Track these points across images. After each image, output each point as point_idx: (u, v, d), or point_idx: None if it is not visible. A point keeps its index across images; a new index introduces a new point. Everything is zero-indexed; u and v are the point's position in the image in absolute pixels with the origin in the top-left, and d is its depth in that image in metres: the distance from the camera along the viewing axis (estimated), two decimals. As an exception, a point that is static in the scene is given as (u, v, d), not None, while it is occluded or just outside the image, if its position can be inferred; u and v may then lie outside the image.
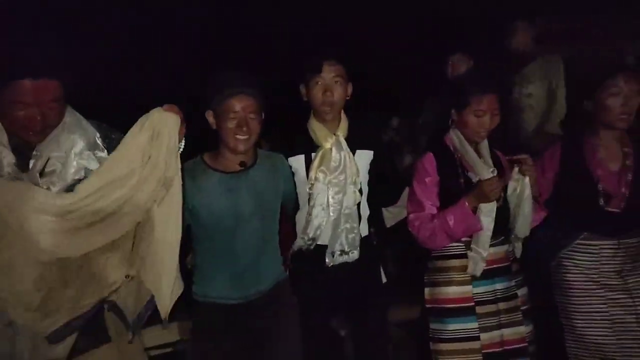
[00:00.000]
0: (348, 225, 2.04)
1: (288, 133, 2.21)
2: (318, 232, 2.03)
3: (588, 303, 2.02)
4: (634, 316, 1.98)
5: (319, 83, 2.02)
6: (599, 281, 2.01)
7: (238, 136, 1.84)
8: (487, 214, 1.94)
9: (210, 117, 1.90)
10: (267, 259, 1.96)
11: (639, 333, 1.97)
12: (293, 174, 2.09)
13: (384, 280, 2.19)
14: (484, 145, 2.04)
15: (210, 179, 1.88)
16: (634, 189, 1.96)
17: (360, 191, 2.09)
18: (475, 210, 1.95)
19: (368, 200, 2.14)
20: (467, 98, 1.96)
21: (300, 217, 2.11)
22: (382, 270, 2.20)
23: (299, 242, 2.07)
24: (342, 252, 2.05)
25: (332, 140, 2.06)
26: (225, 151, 1.90)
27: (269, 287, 1.95)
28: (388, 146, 3.12)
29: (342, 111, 2.12)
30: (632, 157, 1.99)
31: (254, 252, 1.92)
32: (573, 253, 2.05)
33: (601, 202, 1.97)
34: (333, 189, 2.03)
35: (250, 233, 1.90)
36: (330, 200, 2.02)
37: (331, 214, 2.02)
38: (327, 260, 2.05)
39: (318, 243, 2.06)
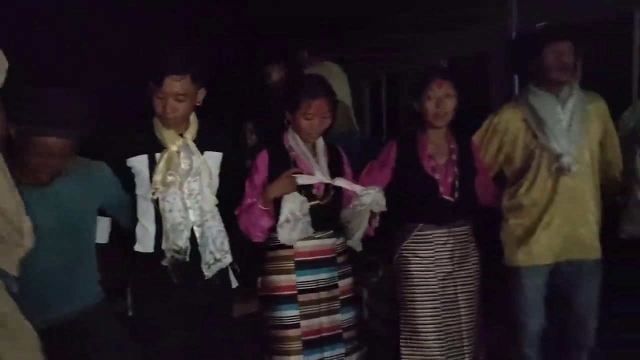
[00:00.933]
0: (214, 230, 2.01)
1: (131, 131, 2.08)
2: (184, 241, 1.94)
3: (424, 292, 2.22)
4: (456, 302, 2.23)
5: (161, 98, 1.90)
6: (434, 270, 2.22)
7: None
8: (287, 203, 2.06)
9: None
10: (77, 279, 1.85)
11: (457, 325, 2.22)
12: (122, 179, 2.00)
13: (234, 284, 2.18)
14: (320, 144, 2.19)
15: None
16: (461, 181, 2.21)
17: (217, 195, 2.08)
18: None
19: (220, 200, 2.10)
20: (298, 102, 2.07)
21: (142, 228, 2.01)
22: (231, 273, 2.17)
23: (168, 258, 1.95)
24: (215, 260, 2.01)
25: (179, 143, 1.98)
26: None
27: (79, 310, 1.85)
28: (243, 148, 3.30)
29: (193, 114, 2.04)
30: (457, 152, 2.25)
31: (59, 272, 1.79)
32: (412, 244, 2.25)
33: (440, 190, 2.20)
34: (189, 193, 1.97)
35: (53, 251, 1.76)
36: (188, 204, 1.96)
37: (192, 219, 1.96)
38: (205, 273, 2.00)
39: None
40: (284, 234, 2.07)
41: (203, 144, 2.05)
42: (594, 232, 2.29)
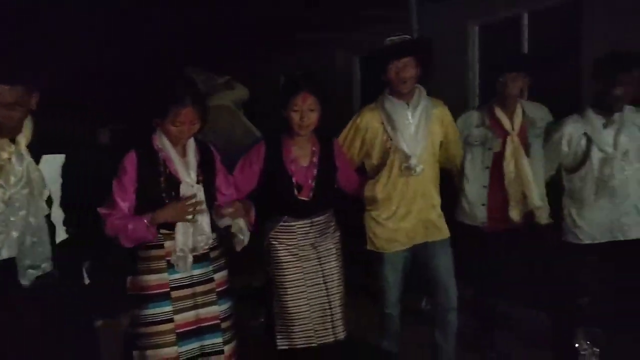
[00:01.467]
0: (35, 239, 1.94)
1: None
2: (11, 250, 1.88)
3: (292, 273, 2.42)
4: (322, 277, 2.46)
5: None
6: (297, 254, 2.44)
7: None
8: (181, 231, 2.11)
9: None
10: None
11: (324, 296, 2.45)
12: None
13: (87, 281, 2.17)
14: (190, 144, 2.17)
15: None
16: (318, 181, 2.40)
17: (50, 200, 1.99)
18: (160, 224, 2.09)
19: (68, 202, 2.05)
20: (166, 109, 2.04)
21: None
22: (84, 272, 2.16)
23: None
24: (32, 266, 1.94)
25: (10, 150, 1.88)
26: None
27: None
28: (97, 148, 3.29)
29: (29, 117, 1.94)
30: (318, 156, 2.43)
31: None
32: (278, 233, 2.45)
33: (295, 192, 2.38)
34: (14, 206, 1.87)
35: None
36: (12, 218, 1.87)
37: (14, 232, 1.87)
38: (21, 281, 1.93)
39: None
40: (180, 265, 2.13)
41: (41, 147, 1.96)
42: (440, 216, 2.64)
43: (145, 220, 2.06)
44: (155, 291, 2.14)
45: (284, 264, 2.42)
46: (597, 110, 2.54)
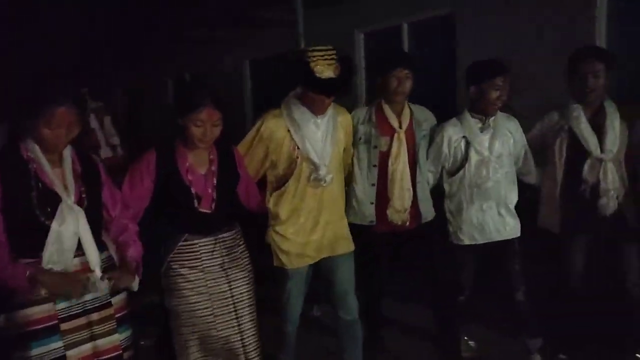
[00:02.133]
0: None
1: None
2: None
3: (197, 301, 2.15)
4: (232, 305, 2.22)
5: None
6: (204, 278, 2.17)
7: None
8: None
9: None
10: None
11: (235, 325, 2.21)
12: None
13: None
14: (66, 154, 1.89)
15: None
16: (220, 191, 2.17)
17: None
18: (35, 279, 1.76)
19: None
20: (39, 109, 1.78)
21: None
22: None
23: None
24: None
25: None
26: None
27: None
28: None
29: None
30: (217, 163, 2.20)
31: None
32: (178, 255, 2.16)
33: (195, 203, 2.12)
34: None
35: None
36: None
37: None
38: None
39: None
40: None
41: None
42: (347, 226, 2.54)
43: (28, 273, 1.74)
44: (40, 326, 1.80)
45: (185, 291, 2.15)
46: (474, 115, 2.61)
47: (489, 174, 2.57)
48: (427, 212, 2.73)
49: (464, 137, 2.61)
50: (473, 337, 2.96)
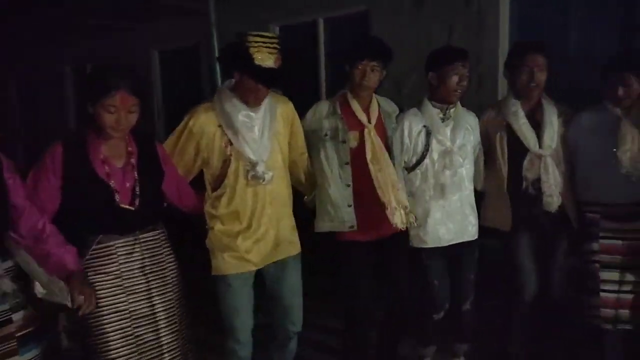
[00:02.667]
0: None
1: None
2: None
3: (113, 312, 1.95)
4: (152, 315, 2.03)
5: None
6: (121, 285, 1.97)
7: None
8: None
9: None
10: None
11: (155, 343, 2.03)
12: None
13: None
14: None
15: None
16: (142, 186, 1.99)
17: None
18: None
19: None
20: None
21: None
22: None
23: None
24: None
25: None
26: None
27: None
28: None
29: None
30: (136, 156, 2.03)
31: None
32: (92, 260, 1.95)
33: (115, 198, 1.93)
34: None
35: None
36: None
37: None
38: None
39: None
40: None
41: None
42: (294, 228, 2.37)
43: None
44: None
45: (100, 299, 1.92)
46: (434, 104, 2.49)
47: (452, 166, 2.45)
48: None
49: (424, 126, 2.47)
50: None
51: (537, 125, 2.50)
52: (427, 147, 2.46)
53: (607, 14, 3.43)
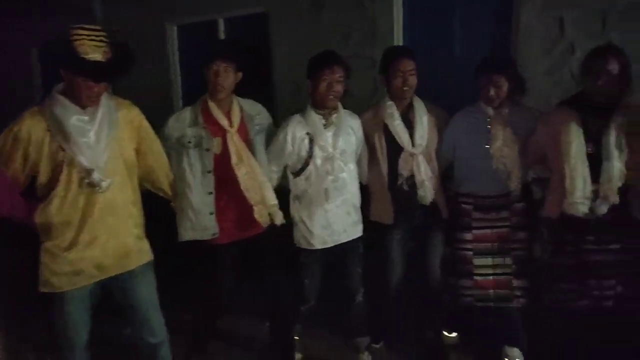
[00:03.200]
0: None
1: None
2: None
3: None
4: None
5: None
6: None
7: None
8: None
9: None
10: None
11: None
12: None
13: None
14: None
15: None
16: None
17: None
18: None
19: None
20: None
21: None
22: None
23: None
24: None
25: None
26: None
27: None
28: None
29: None
30: None
31: None
32: None
33: None
34: None
35: None
36: None
37: None
38: None
39: None
40: None
41: None
42: (140, 237, 2.29)
43: None
44: None
45: None
46: (317, 111, 2.56)
47: (334, 171, 2.55)
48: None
49: (307, 133, 2.55)
50: (309, 340, 2.94)
51: (410, 125, 2.67)
52: (310, 153, 2.54)
53: (485, 21, 3.74)
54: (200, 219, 2.48)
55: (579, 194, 2.30)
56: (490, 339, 2.84)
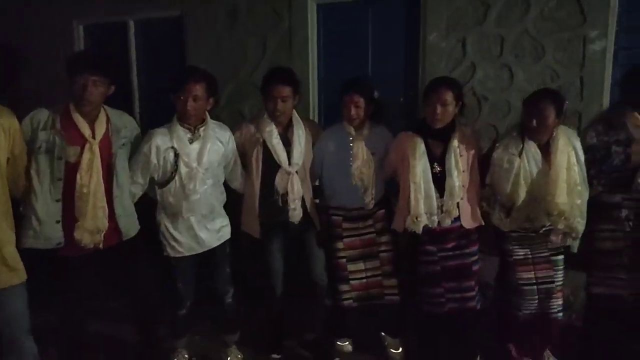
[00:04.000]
0: None
1: None
2: None
3: None
4: None
5: None
6: None
7: None
8: None
9: None
10: None
11: None
12: None
13: None
14: None
15: None
16: None
17: None
18: None
19: None
20: None
21: None
22: None
23: None
24: None
25: None
26: None
27: None
28: None
29: None
30: None
31: None
32: None
33: None
34: None
35: None
36: None
37: None
38: None
39: None
40: None
41: None
42: (13, 254, 2.25)
43: None
44: None
45: None
46: (183, 124, 2.57)
47: (196, 187, 2.58)
48: (129, 228, 2.61)
49: (172, 147, 2.56)
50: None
51: (289, 144, 2.78)
52: (175, 167, 2.57)
53: (395, 38, 3.93)
54: (45, 229, 2.38)
55: (421, 211, 2.55)
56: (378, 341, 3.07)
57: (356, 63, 3.96)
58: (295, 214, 2.78)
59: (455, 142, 2.57)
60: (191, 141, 2.58)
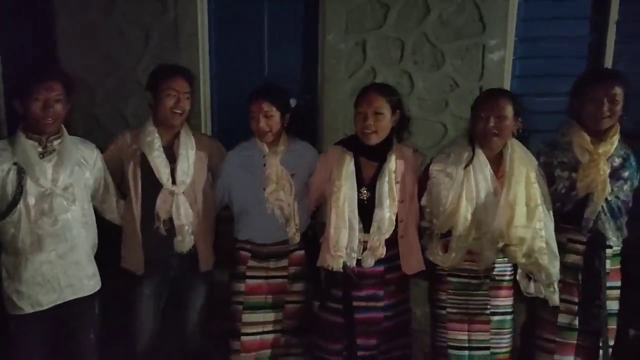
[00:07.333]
0: None
1: None
2: None
3: None
4: None
5: None
6: None
7: None
8: None
9: None
10: None
11: None
12: None
13: None
14: None
15: None
16: None
17: None
18: None
19: None
20: None
21: None
22: None
23: None
24: None
25: None
26: None
27: None
28: None
29: None
30: None
31: None
32: None
33: None
34: None
35: None
36: None
37: None
38: None
39: None
40: None
41: None
42: None
43: None
44: None
45: None
46: (31, 136, 2.07)
47: (53, 211, 2.04)
48: None
49: (15, 164, 2.03)
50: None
51: (173, 159, 2.33)
52: (20, 189, 2.03)
53: (292, 39, 3.65)
54: None
55: (342, 245, 2.14)
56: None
57: (252, 61, 3.64)
58: (183, 244, 2.31)
59: (391, 164, 2.15)
60: (42, 155, 2.07)
